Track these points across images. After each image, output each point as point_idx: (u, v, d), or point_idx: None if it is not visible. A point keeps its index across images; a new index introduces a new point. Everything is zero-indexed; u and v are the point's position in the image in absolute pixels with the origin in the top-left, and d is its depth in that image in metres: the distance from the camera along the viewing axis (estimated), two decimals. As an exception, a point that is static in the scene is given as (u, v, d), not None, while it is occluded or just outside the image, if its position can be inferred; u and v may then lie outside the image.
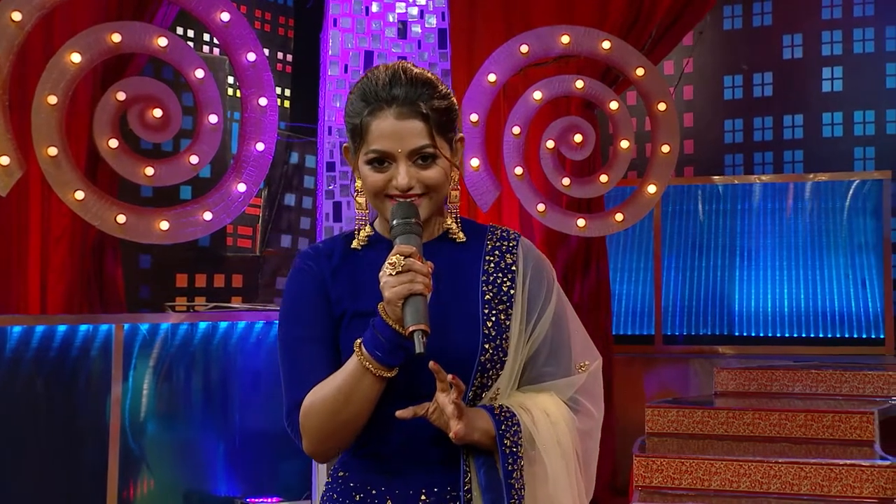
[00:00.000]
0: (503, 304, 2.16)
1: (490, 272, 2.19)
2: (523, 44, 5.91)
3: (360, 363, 2.00)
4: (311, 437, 2.08)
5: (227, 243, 7.51)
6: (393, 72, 2.11)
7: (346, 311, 2.14)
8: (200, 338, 5.71)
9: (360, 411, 2.03)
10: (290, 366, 2.14)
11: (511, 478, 2.06)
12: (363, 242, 2.20)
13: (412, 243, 2.00)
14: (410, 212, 2.05)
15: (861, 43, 8.41)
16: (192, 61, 5.64)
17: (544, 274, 2.23)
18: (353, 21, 5.64)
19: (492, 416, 2.07)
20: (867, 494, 4.86)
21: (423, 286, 1.95)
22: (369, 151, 2.09)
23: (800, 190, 7.91)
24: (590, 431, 2.20)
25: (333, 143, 5.56)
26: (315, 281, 2.18)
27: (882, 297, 7.62)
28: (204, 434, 5.72)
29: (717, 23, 8.55)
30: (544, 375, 2.18)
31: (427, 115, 2.08)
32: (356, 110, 2.12)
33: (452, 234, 2.21)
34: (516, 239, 2.26)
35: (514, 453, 2.06)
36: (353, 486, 2.16)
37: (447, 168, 2.12)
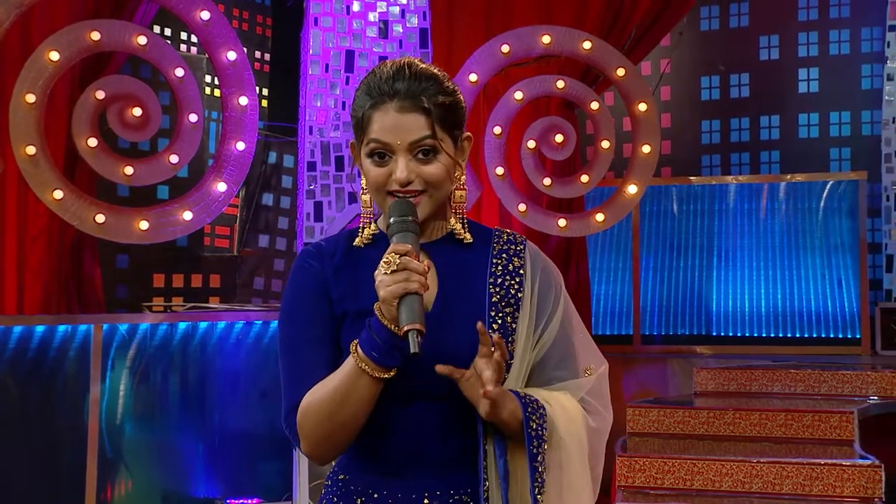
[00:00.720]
0: (510, 307, 2.14)
1: (498, 275, 2.16)
2: (504, 44, 5.91)
3: (357, 364, 1.97)
4: (308, 438, 2.05)
5: (204, 243, 7.48)
6: (398, 66, 2.09)
7: (347, 311, 2.11)
8: (180, 338, 5.67)
9: (357, 413, 2.00)
10: (290, 367, 2.12)
11: (535, 461, 2.04)
12: (367, 240, 2.17)
13: (408, 241, 1.98)
14: (407, 210, 2.03)
15: (837, 44, 8.48)
16: (172, 60, 5.61)
17: (552, 279, 2.21)
18: (333, 20, 5.63)
19: (518, 399, 2.04)
20: (848, 494, 4.88)
21: (419, 285, 1.92)
22: (370, 142, 2.07)
23: (776, 190, 7.95)
24: (600, 430, 2.18)
25: (314, 143, 5.55)
26: (316, 280, 2.15)
27: (858, 298, 7.67)
28: (183, 435, 5.68)
29: (695, 24, 8.59)
30: (554, 380, 2.16)
31: (429, 109, 2.05)
32: (360, 104, 2.11)
33: (458, 234, 2.18)
34: (523, 243, 2.24)
35: (539, 436, 2.04)
36: (353, 490, 2.13)
37: (449, 165, 2.09)
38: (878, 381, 5.96)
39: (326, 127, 5.56)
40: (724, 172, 8.63)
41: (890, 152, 7.72)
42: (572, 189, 6.03)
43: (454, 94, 2.12)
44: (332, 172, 5.55)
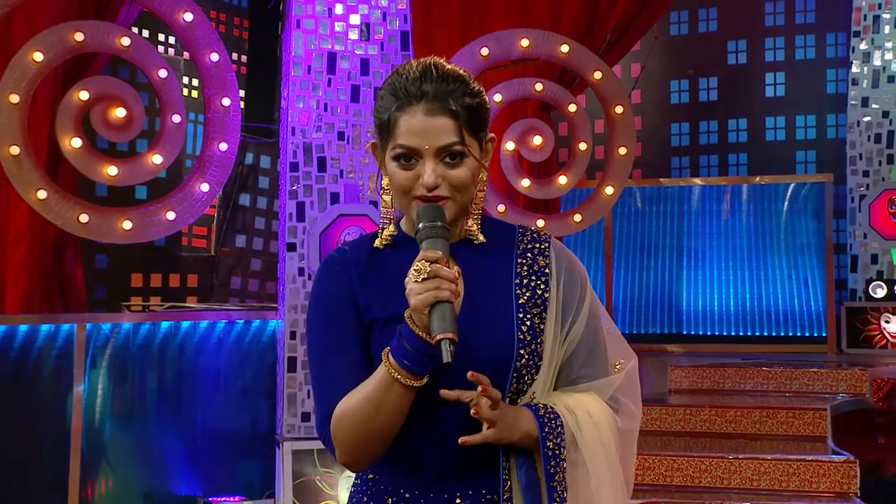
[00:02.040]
0: (538, 308, 2.10)
1: (523, 275, 2.13)
2: (484, 46, 6.00)
3: (388, 373, 1.94)
4: (343, 447, 2.03)
5: (182, 243, 7.51)
6: (424, 67, 2.04)
7: (376, 318, 2.08)
8: (162, 337, 5.71)
9: (391, 420, 1.98)
10: (320, 376, 2.10)
11: (553, 480, 2.02)
12: (386, 242, 2.14)
13: (438, 248, 1.94)
14: (436, 214, 1.99)
15: (803, 49, 8.64)
16: (156, 61, 5.65)
17: (577, 275, 2.17)
18: (315, 22, 5.68)
19: (536, 418, 2.03)
20: (824, 489, 4.99)
21: (450, 293, 1.88)
22: (396, 146, 2.02)
23: (745, 192, 8.10)
24: (631, 431, 2.17)
25: (297, 144, 5.60)
26: (342, 287, 2.12)
27: (824, 297, 7.83)
28: (165, 434, 5.71)
29: (664, 28, 8.73)
30: (582, 378, 2.13)
31: (457, 112, 2.01)
32: (385, 105, 2.06)
33: (472, 235, 2.14)
34: (548, 241, 2.19)
35: (556, 455, 2.03)
36: (384, 490, 2.11)
37: (475, 169, 2.05)
38: (848, 379, 6.09)
39: (308, 128, 5.61)
40: (694, 174, 8.77)
41: (855, 155, 7.88)
42: (551, 190, 6.13)
43: (480, 96, 2.08)
44: (315, 173, 5.60)
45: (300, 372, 5.55)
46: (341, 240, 5.50)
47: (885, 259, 7.73)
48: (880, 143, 7.79)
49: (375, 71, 5.72)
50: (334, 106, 5.67)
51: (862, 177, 7.82)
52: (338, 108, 5.67)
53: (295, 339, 5.55)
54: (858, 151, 7.87)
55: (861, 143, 7.85)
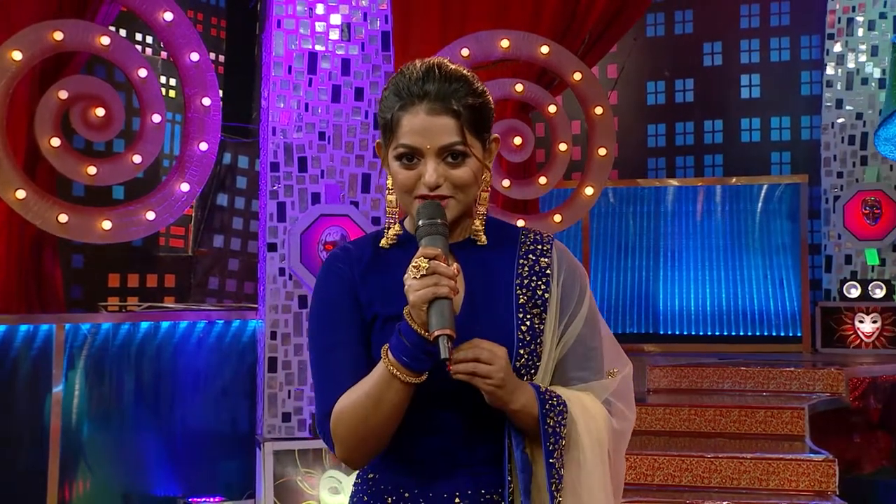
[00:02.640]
0: (537, 309, 2.11)
1: (524, 276, 2.13)
2: (464, 47, 6.02)
3: (387, 369, 1.94)
4: (342, 443, 2.03)
5: (159, 243, 7.48)
6: (427, 67, 2.03)
7: (377, 315, 2.08)
8: (142, 338, 5.69)
9: (390, 417, 1.98)
10: (321, 372, 2.09)
11: (552, 457, 2.02)
12: (392, 241, 2.15)
13: (437, 245, 1.94)
14: (436, 212, 1.99)
15: (777, 51, 8.71)
16: (136, 61, 5.64)
17: (577, 277, 2.17)
18: (296, 22, 5.68)
19: (537, 394, 2.02)
20: (803, 488, 5.04)
21: (449, 289, 1.88)
22: (398, 146, 2.02)
23: (721, 193, 8.16)
24: (623, 432, 2.16)
25: (278, 144, 5.59)
26: (344, 284, 2.12)
27: (799, 297, 7.89)
28: (144, 434, 5.69)
29: (641, 30, 8.78)
30: (575, 380, 2.13)
31: (459, 112, 2.00)
32: (388, 105, 2.05)
33: (474, 235, 2.14)
34: (550, 242, 2.20)
35: (556, 433, 2.02)
36: (384, 489, 2.11)
37: (477, 169, 2.05)
38: (825, 378, 6.14)
39: (289, 128, 5.60)
40: (670, 175, 8.82)
41: (829, 156, 7.95)
42: (531, 190, 6.15)
43: (483, 96, 2.07)
44: (296, 173, 5.60)
45: (281, 372, 5.54)
46: (322, 240, 5.50)
47: (858, 259, 7.80)
48: (854, 145, 7.86)
49: (356, 71, 5.72)
50: (315, 106, 5.67)
51: (836, 178, 7.89)
52: (318, 108, 5.67)
53: (276, 340, 5.55)
54: (833, 153, 7.93)
55: (835, 144, 7.92)
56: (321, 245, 5.51)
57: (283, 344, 5.56)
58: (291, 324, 5.57)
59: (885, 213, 7.66)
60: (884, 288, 7.61)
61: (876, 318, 7.59)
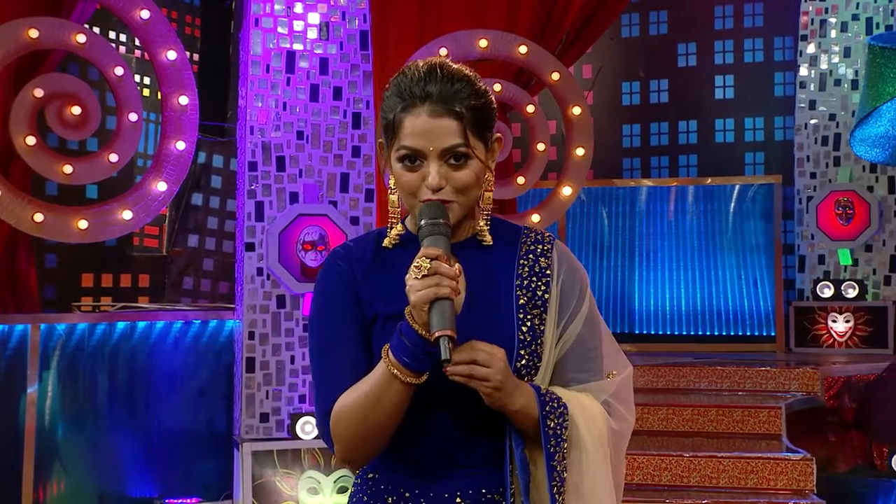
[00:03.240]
0: (538, 310, 2.10)
1: (524, 276, 2.13)
2: (442, 47, 6.02)
3: (388, 369, 1.94)
4: (341, 443, 2.03)
5: (133, 242, 7.43)
6: (429, 67, 2.03)
7: (377, 314, 2.08)
8: (118, 338, 5.65)
9: (389, 417, 1.98)
10: (321, 371, 2.09)
11: (553, 459, 2.02)
12: (394, 241, 2.14)
13: (439, 245, 1.94)
14: (439, 212, 1.99)
15: (751, 52, 8.75)
16: (112, 59, 5.61)
17: (577, 278, 2.16)
18: (274, 21, 5.65)
19: (537, 395, 2.03)
20: (782, 486, 5.07)
21: (450, 290, 1.88)
22: (400, 147, 2.02)
23: (695, 193, 8.20)
24: (622, 433, 2.16)
25: (256, 143, 5.57)
26: (345, 282, 2.11)
27: (773, 297, 7.94)
28: (120, 435, 5.66)
29: (616, 31, 8.80)
30: (573, 381, 2.12)
31: (461, 113, 2.00)
32: (390, 106, 2.04)
33: (480, 235, 2.14)
34: (551, 242, 2.19)
35: (557, 435, 2.02)
36: (384, 489, 2.11)
37: (480, 170, 2.04)
38: (800, 378, 6.17)
39: (267, 127, 5.58)
40: (645, 175, 8.84)
41: (802, 157, 8.00)
42: (509, 191, 6.16)
43: (486, 96, 2.07)
44: (274, 172, 5.58)
45: (259, 373, 5.52)
46: (300, 240, 5.48)
47: (832, 260, 7.85)
48: (827, 146, 7.91)
49: (335, 70, 5.71)
50: (293, 105, 5.64)
51: (809, 178, 7.94)
52: (297, 107, 5.65)
53: (253, 340, 5.52)
54: (806, 153, 7.98)
55: (808, 145, 7.97)
56: (299, 245, 5.49)
57: (261, 344, 5.54)
58: (269, 324, 5.54)
59: (857, 213, 7.71)
60: (856, 288, 7.66)
61: (849, 317, 7.65)
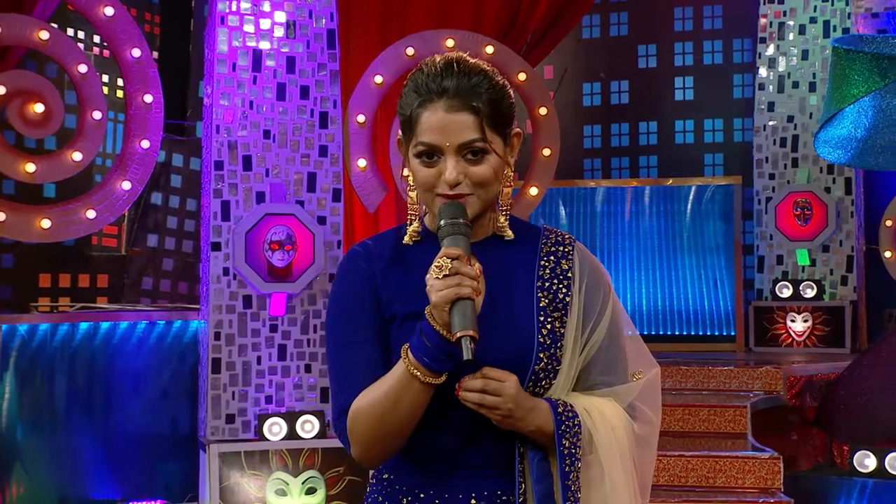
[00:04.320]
0: (558, 312, 2.08)
1: (545, 278, 2.11)
2: (409, 46, 6.01)
3: (408, 369, 1.92)
4: (359, 442, 2.02)
5: (91, 242, 7.34)
6: (446, 63, 2.01)
7: (396, 314, 2.06)
8: (81, 338, 5.58)
9: (407, 417, 1.96)
10: (338, 370, 2.08)
11: (567, 479, 2.02)
12: (414, 238, 2.12)
13: (459, 245, 1.93)
14: (458, 211, 1.97)
15: (710, 54, 8.82)
16: (76, 56, 5.55)
17: (600, 281, 2.15)
18: (240, 19, 5.61)
19: (553, 414, 2.02)
20: (750, 485, 5.12)
21: (471, 290, 1.87)
22: (418, 144, 2.00)
23: (655, 194, 8.24)
24: (648, 438, 2.16)
25: (221, 142, 5.53)
26: (364, 281, 2.10)
27: (733, 297, 8.01)
28: (83, 436, 5.59)
29: (577, 32, 8.81)
30: (599, 385, 2.11)
31: (478, 108, 1.98)
32: (408, 101, 2.03)
33: (501, 231, 2.13)
34: (572, 244, 2.17)
35: (572, 454, 2.02)
36: (399, 489, 2.10)
37: (498, 165, 2.03)
38: (763, 377, 6.21)
39: (234, 126, 5.53)
40: (606, 176, 8.88)
41: (761, 158, 8.06)
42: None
43: (503, 91, 2.05)
44: (240, 172, 5.53)
45: (225, 373, 5.48)
46: (267, 239, 5.44)
47: (790, 260, 7.93)
48: (785, 147, 7.98)
49: (301, 69, 5.68)
50: (259, 104, 5.61)
51: (768, 179, 8.00)
52: (263, 106, 5.61)
53: (219, 340, 5.48)
54: (765, 155, 8.04)
55: (767, 146, 8.04)
56: (266, 244, 5.46)
57: (227, 345, 5.49)
58: (236, 324, 5.50)
59: (815, 214, 7.79)
60: (814, 288, 7.74)
61: (807, 317, 7.72)
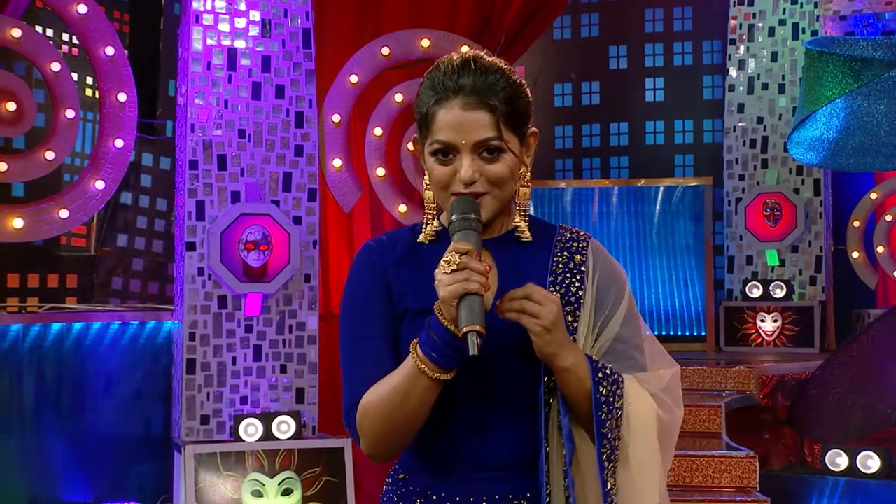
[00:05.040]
0: (571, 306, 2.07)
1: (558, 272, 2.09)
2: (385, 46, 6.00)
3: (416, 364, 1.92)
4: (367, 437, 2.01)
5: (60, 242, 7.25)
6: (463, 60, 2.01)
7: (407, 309, 2.06)
8: (53, 339, 5.53)
9: (416, 413, 1.95)
10: (350, 364, 2.08)
11: (604, 427, 1.97)
12: (430, 237, 2.12)
13: (469, 240, 1.91)
14: (470, 207, 1.96)
15: (681, 56, 8.86)
16: (49, 55, 5.50)
17: (614, 276, 2.13)
18: (216, 18, 5.58)
19: (590, 362, 1.99)
20: (726, 484, 5.15)
21: (479, 285, 1.85)
22: (433, 142, 2.00)
23: (627, 194, 8.26)
24: (672, 423, 2.11)
25: (196, 141, 5.49)
26: (376, 276, 2.10)
27: (703, 297, 8.05)
28: (54, 437, 5.53)
29: (548, 32, 8.81)
30: None
31: (495, 106, 1.97)
32: (424, 99, 2.03)
33: (519, 231, 2.11)
34: (586, 240, 2.16)
35: (609, 402, 1.98)
36: (412, 490, 2.09)
37: (514, 164, 2.02)
38: (736, 377, 6.26)
39: (209, 125, 5.50)
40: (577, 176, 8.91)
41: (731, 159, 8.12)
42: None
43: (521, 90, 2.04)
44: (215, 171, 5.50)
45: (199, 374, 5.44)
46: (243, 239, 5.41)
47: (759, 260, 7.99)
48: (755, 148, 8.04)
49: (277, 68, 5.65)
50: (235, 103, 5.58)
51: (738, 180, 8.06)
52: (238, 105, 5.58)
53: (194, 341, 5.44)
54: (735, 156, 8.10)
55: (737, 147, 8.09)
56: (242, 244, 5.43)
57: (202, 345, 5.46)
58: (211, 325, 5.47)
59: (784, 214, 7.85)
60: (784, 288, 7.80)
61: (777, 317, 7.79)
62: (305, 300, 5.60)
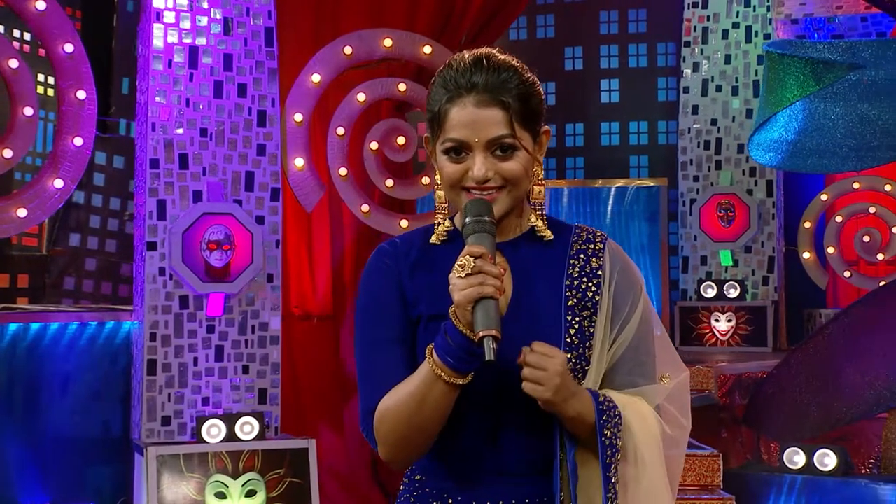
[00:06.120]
0: (587, 311, 2.05)
1: (574, 276, 2.07)
2: (347, 45, 5.96)
3: (432, 369, 1.90)
4: (385, 443, 2.00)
5: (11, 241, 7.14)
6: (476, 58, 2.00)
7: (422, 314, 2.04)
8: (9, 340, 5.44)
9: (433, 418, 1.94)
10: (366, 369, 2.06)
11: (609, 471, 1.97)
12: (442, 238, 2.10)
13: (484, 243, 1.90)
14: (483, 209, 1.95)
15: (636, 58, 8.93)
16: (6, 51, 5.40)
17: (632, 279, 2.12)
18: (177, 16, 5.52)
19: (595, 405, 1.97)
20: (690, 482, 5.19)
21: (494, 289, 1.84)
22: (446, 140, 1.98)
23: (581, 195, 8.31)
24: (677, 440, 2.11)
25: (157, 140, 5.43)
26: (391, 280, 2.08)
27: (659, 297, 8.11)
28: (9, 440, 5.44)
29: (505, 33, 8.83)
30: (627, 385, 2.06)
31: (508, 103, 1.96)
32: (436, 98, 2.01)
33: (539, 231, 2.09)
34: (603, 242, 2.13)
35: (613, 445, 1.97)
36: (428, 492, 2.08)
37: (527, 161, 2.00)
38: (695, 376, 6.30)
39: (170, 124, 5.44)
40: (533, 177, 8.93)
41: (686, 160, 8.19)
42: (413, 191, 6.14)
43: (533, 87, 2.03)
44: (176, 170, 5.44)
45: (161, 375, 5.38)
46: (205, 239, 5.36)
47: (714, 261, 8.07)
48: (709, 150, 8.12)
49: (239, 67, 5.61)
50: (196, 101, 5.52)
51: (692, 181, 8.13)
52: (200, 103, 5.53)
53: (155, 342, 5.38)
54: (689, 157, 8.17)
55: (692, 149, 8.16)
56: (204, 244, 5.38)
57: (163, 346, 5.40)
58: (172, 325, 5.41)
59: (738, 215, 7.94)
60: (737, 288, 7.89)
61: (731, 316, 7.87)
62: (268, 300, 5.56)
